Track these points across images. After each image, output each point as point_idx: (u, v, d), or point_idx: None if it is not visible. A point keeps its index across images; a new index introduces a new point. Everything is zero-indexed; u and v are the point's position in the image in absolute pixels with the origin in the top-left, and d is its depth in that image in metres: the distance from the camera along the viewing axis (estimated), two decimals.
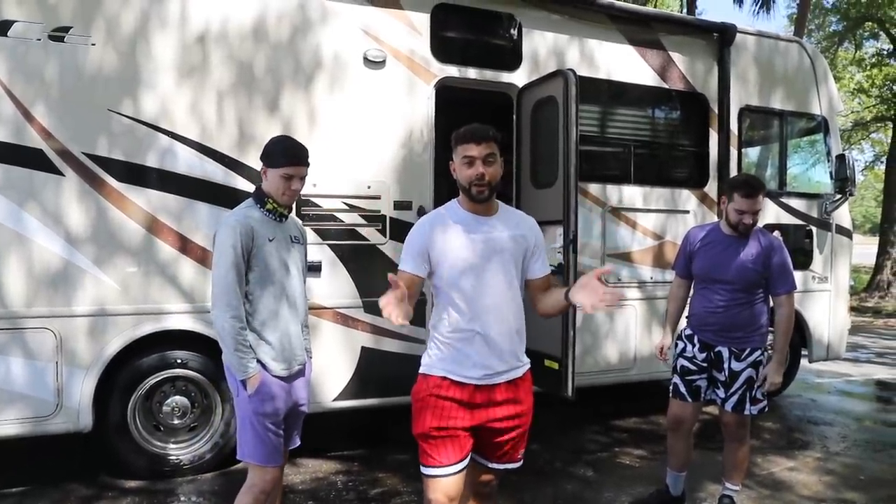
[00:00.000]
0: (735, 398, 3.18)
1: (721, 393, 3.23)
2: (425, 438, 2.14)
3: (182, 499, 3.54)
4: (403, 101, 4.21)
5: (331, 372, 4.05)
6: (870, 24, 17.68)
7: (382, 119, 4.16)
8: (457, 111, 4.40)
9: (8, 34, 3.38)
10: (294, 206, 3.82)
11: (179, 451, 3.82)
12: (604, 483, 3.87)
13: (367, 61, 4.10)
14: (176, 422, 3.82)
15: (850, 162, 5.53)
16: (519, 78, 4.53)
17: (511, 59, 4.54)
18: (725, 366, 3.19)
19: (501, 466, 2.28)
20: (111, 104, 3.58)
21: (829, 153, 5.68)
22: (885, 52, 18.13)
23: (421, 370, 2.24)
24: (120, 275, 3.60)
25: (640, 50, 4.92)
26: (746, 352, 3.17)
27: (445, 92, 4.38)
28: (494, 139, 2.15)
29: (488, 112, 5.46)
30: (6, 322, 3.40)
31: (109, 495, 3.59)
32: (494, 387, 2.17)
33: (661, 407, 5.36)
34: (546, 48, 4.64)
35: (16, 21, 3.40)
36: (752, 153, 6.18)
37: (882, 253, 15.23)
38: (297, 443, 2.69)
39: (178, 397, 3.81)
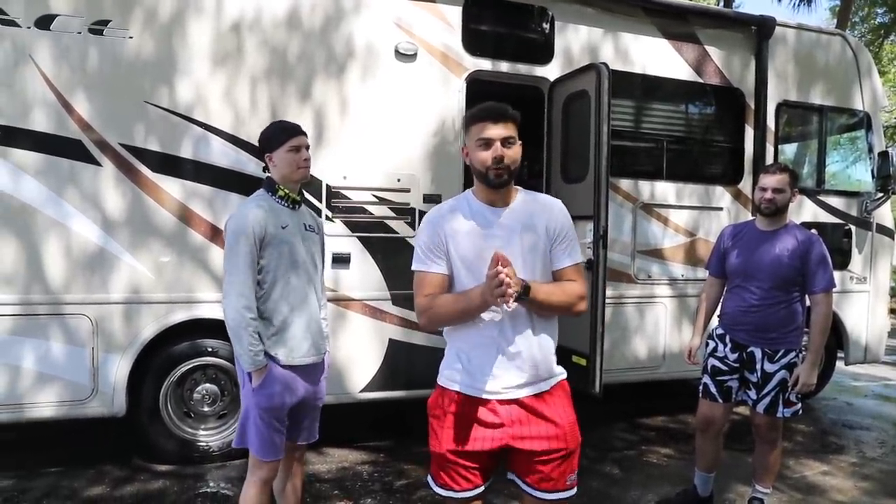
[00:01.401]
0: (767, 400, 3.10)
1: (753, 394, 3.16)
2: (440, 459, 1.97)
3: (211, 484, 3.61)
4: (434, 94, 4.20)
5: (358, 363, 4.08)
6: None
7: (413, 112, 4.16)
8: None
9: (51, 28, 3.47)
10: (324, 198, 3.89)
11: (209, 438, 3.89)
12: (630, 481, 3.83)
13: (399, 54, 4.11)
14: (206, 409, 3.89)
15: (894, 159, 5.35)
16: (551, 72, 4.48)
17: (543, 52, 4.50)
18: (758, 367, 3.11)
19: (549, 496, 1.95)
20: (147, 96, 3.65)
21: (871, 150, 5.50)
22: None
23: (438, 380, 2.04)
24: (154, 263, 3.68)
25: (675, 44, 4.82)
26: (780, 353, 3.08)
27: (476, 85, 4.35)
28: (514, 120, 1.92)
29: (519, 106, 5.40)
30: (45, 307, 3.49)
31: (141, 477, 3.68)
32: (518, 401, 1.93)
33: (689, 406, 5.27)
34: (579, 42, 4.58)
35: (58, 15, 3.48)
36: (790, 149, 6.03)
37: None
38: (315, 437, 2.65)
39: (208, 385, 3.89)
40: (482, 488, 1.98)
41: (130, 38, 3.61)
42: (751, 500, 3.31)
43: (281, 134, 2.47)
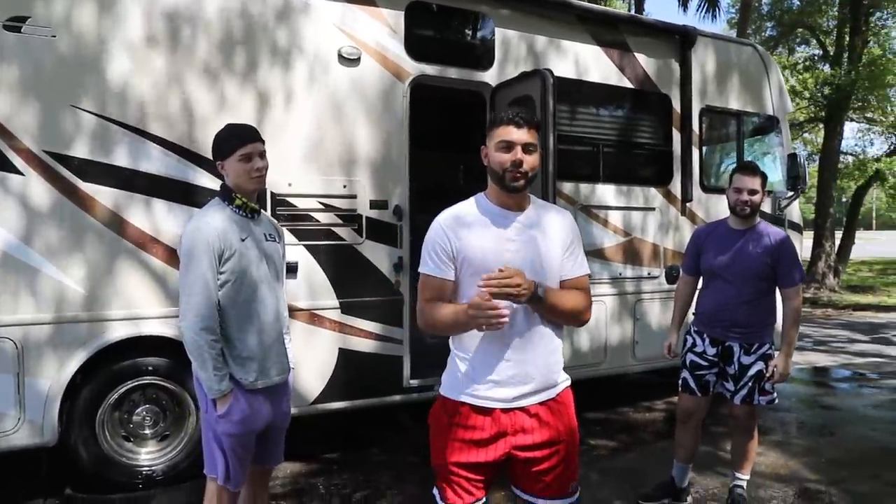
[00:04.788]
0: (745, 391, 3.22)
1: (730, 386, 3.27)
2: (443, 471, 1.95)
3: None
4: (379, 99, 4.15)
5: (308, 375, 3.96)
6: (801, 30, 18.59)
7: (357, 117, 4.09)
8: (431, 109, 4.39)
9: None
10: (269, 206, 3.77)
11: (152, 461, 3.66)
12: (584, 476, 3.93)
13: (342, 58, 4.03)
14: (147, 431, 3.67)
15: (801, 160, 5.79)
16: (492, 77, 4.54)
17: (484, 58, 4.55)
18: (735, 360, 3.23)
19: (554, 503, 1.97)
20: (73, 100, 3.40)
21: (781, 152, 5.93)
22: (815, 57, 19.12)
23: (441, 390, 2.00)
24: (85, 279, 3.42)
25: (608, 51, 5.01)
26: (755, 346, 3.22)
27: (420, 90, 4.35)
28: (537, 127, 1.93)
29: (462, 111, 5.46)
30: None
31: None
32: (524, 410, 1.91)
33: (627, 399, 5.49)
34: (518, 48, 4.66)
35: None
36: (712, 151, 6.38)
37: (817, 246, 16.08)
38: (281, 460, 2.56)
39: (148, 405, 3.66)
40: (483, 500, 1.96)
41: (53, 36, 3.35)
42: (732, 487, 3.42)
43: (231, 140, 2.28)
